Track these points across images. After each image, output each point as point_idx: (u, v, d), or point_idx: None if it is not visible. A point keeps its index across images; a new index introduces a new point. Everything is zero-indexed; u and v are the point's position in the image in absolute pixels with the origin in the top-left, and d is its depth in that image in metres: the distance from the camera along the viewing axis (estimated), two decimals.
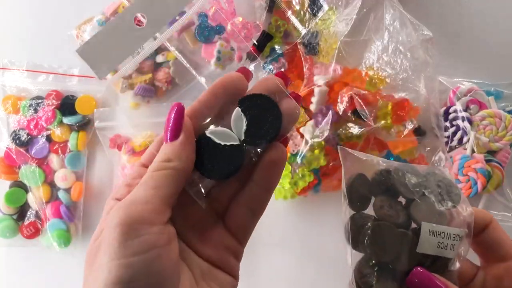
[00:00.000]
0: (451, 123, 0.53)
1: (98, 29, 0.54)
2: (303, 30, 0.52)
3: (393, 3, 0.53)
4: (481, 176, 0.50)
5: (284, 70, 0.54)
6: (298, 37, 0.52)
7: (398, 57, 0.52)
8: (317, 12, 0.51)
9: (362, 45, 0.55)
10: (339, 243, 0.32)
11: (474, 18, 0.57)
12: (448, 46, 0.56)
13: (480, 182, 0.50)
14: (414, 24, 0.52)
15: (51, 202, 0.56)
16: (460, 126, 0.52)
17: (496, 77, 0.54)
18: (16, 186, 0.56)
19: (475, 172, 0.50)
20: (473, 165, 0.50)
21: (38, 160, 0.56)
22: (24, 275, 0.58)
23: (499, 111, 0.52)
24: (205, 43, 0.53)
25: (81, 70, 0.58)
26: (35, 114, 0.56)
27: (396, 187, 0.31)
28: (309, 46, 0.53)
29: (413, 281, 0.30)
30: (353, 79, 0.53)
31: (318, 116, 0.52)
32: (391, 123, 0.51)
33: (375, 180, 0.31)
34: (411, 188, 0.31)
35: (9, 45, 0.61)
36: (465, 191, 0.50)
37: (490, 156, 0.52)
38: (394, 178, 0.31)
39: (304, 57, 0.53)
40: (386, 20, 0.53)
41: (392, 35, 0.52)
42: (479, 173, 0.50)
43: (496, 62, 0.55)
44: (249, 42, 0.53)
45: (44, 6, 0.61)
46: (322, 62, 0.53)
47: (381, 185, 0.31)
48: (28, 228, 0.55)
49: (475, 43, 0.56)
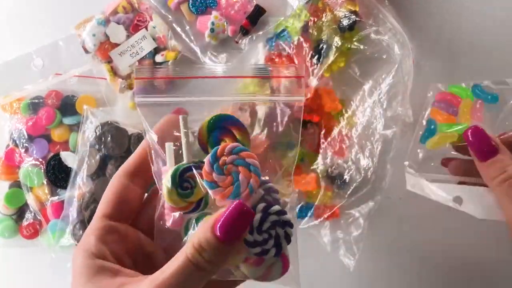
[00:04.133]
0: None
1: (97, 28, 0.54)
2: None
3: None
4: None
5: (280, 56, 0.53)
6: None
7: (376, 113, 0.51)
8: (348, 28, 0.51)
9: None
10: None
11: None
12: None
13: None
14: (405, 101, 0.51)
15: (51, 202, 0.56)
16: None
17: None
18: (15, 187, 0.56)
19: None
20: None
21: (38, 161, 0.56)
22: (24, 276, 0.58)
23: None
24: (198, 15, 0.53)
25: (81, 70, 0.58)
26: (35, 114, 0.56)
27: None
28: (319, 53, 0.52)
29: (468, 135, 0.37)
30: (327, 104, 0.52)
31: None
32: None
33: None
34: None
35: (8, 45, 0.61)
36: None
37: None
38: None
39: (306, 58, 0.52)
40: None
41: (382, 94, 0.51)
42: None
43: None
44: (243, 15, 0.53)
45: (44, 6, 0.60)
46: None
47: None
48: (27, 229, 0.55)
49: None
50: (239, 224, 0.28)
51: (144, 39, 0.54)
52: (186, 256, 0.28)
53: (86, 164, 0.53)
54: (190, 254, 0.28)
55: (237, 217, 0.28)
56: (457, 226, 0.50)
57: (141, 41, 0.54)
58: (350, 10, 0.51)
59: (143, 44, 0.54)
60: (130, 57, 0.51)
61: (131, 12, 0.55)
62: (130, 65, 0.54)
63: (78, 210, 0.53)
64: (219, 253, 0.28)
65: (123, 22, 0.55)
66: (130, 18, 0.55)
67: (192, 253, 0.28)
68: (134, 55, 0.53)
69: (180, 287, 0.27)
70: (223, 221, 0.28)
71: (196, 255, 0.27)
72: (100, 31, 0.54)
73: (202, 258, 0.27)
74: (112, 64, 0.54)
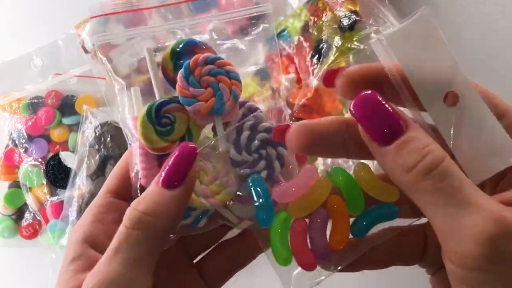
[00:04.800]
0: None
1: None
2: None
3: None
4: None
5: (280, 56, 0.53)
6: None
7: None
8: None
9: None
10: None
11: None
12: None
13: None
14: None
15: (51, 202, 0.55)
16: None
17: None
18: (15, 187, 0.56)
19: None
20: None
21: (37, 161, 0.56)
22: (24, 276, 0.58)
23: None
24: (198, 13, 0.53)
25: (81, 70, 0.58)
26: (34, 114, 0.56)
27: None
28: (319, 53, 0.52)
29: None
30: (327, 104, 0.51)
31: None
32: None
33: None
34: None
35: (8, 45, 0.61)
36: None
37: None
38: None
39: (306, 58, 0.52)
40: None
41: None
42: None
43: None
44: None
45: (44, 6, 0.60)
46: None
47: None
48: (27, 229, 0.55)
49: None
50: (182, 162, 0.24)
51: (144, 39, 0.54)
52: (122, 226, 0.24)
53: (85, 164, 0.53)
54: (125, 219, 0.24)
55: (178, 155, 0.24)
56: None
57: (141, 40, 0.54)
58: (350, 10, 0.51)
59: (143, 44, 0.54)
60: (130, 57, 0.51)
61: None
62: (130, 64, 0.54)
63: (77, 210, 0.52)
64: (159, 198, 0.24)
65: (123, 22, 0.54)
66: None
67: (127, 214, 0.24)
68: (134, 55, 0.53)
69: (115, 266, 0.23)
70: (165, 166, 0.24)
71: (131, 213, 0.24)
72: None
73: (139, 212, 0.24)
74: (111, 64, 0.54)
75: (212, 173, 0.28)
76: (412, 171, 0.22)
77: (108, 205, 0.29)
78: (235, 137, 0.29)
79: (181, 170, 0.24)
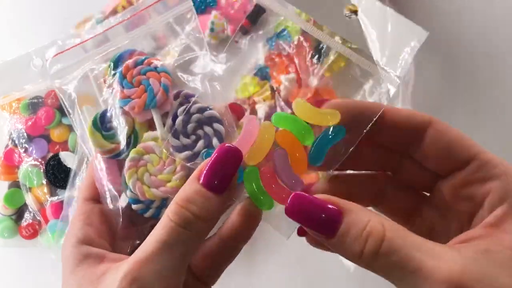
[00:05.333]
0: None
1: (97, 27, 0.54)
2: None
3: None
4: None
5: (280, 56, 0.53)
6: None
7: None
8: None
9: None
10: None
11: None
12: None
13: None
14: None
15: (51, 202, 0.55)
16: None
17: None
18: (15, 187, 0.56)
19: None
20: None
21: (37, 161, 0.56)
22: (23, 276, 0.58)
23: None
24: (198, 15, 0.53)
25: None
26: (34, 114, 0.56)
27: None
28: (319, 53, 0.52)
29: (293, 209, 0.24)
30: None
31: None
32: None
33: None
34: None
35: (8, 45, 0.61)
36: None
37: None
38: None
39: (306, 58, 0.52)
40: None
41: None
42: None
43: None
44: (242, 15, 0.53)
45: (44, 6, 0.60)
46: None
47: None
48: (27, 229, 0.55)
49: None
50: (228, 166, 0.25)
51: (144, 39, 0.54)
52: (167, 218, 0.24)
53: (85, 164, 0.53)
54: (172, 214, 0.24)
55: (224, 159, 0.25)
56: None
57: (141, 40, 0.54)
58: (350, 10, 0.51)
59: (143, 44, 0.54)
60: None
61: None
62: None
63: None
64: (209, 203, 0.24)
65: None
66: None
67: (176, 211, 0.24)
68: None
69: (166, 259, 0.24)
70: (210, 166, 0.24)
71: (181, 213, 0.24)
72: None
73: (190, 214, 0.24)
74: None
75: (159, 163, 0.30)
76: (362, 258, 0.23)
77: (90, 210, 0.31)
78: (172, 124, 0.30)
79: (228, 174, 0.25)
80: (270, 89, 0.50)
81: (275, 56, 0.53)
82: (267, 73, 0.52)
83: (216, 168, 0.25)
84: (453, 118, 0.55)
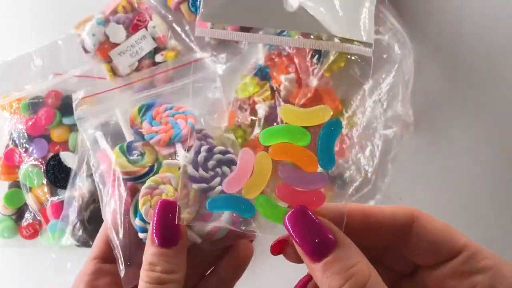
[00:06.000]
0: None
1: (97, 28, 0.54)
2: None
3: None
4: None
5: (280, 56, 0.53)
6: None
7: (376, 113, 0.50)
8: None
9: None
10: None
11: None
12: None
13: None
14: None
15: (51, 202, 0.55)
16: None
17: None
18: (15, 187, 0.56)
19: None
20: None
21: (37, 161, 0.56)
22: (24, 276, 0.58)
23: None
24: (198, 15, 0.53)
25: (81, 70, 0.58)
26: (35, 114, 0.56)
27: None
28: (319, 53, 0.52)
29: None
30: (327, 104, 0.51)
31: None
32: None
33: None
34: None
35: (8, 45, 0.61)
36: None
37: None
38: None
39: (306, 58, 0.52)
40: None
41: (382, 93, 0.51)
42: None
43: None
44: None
45: (44, 6, 0.60)
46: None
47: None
48: (27, 229, 0.55)
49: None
50: (169, 219, 0.26)
51: (144, 39, 0.54)
52: (142, 283, 0.26)
53: (85, 164, 0.53)
54: (145, 278, 0.26)
55: (163, 214, 0.27)
56: (457, 226, 0.50)
57: (141, 41, 0.54)
58: None
59: (143, 44, 0.54)
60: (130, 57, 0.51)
61: (131, 12, 0.55)
62: (130, 65, 0.54)
63: (77, 211, 0.52)
64: (170, 258, 0.26)
65: (122, 22, 0.54)
66: (129, 18, 0.55)
67: (147, 275, 0.26)
68: (134, 55, 0.53)
69: None
70: (156, 226, 0.26)
71: (151, 275, 0.26)
72: (100, 31, 0.54)
73: (158, 273, 0.26)
74: (111, 64, 0.54)
75: (174, 195, 0.31)
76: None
77: (97, 271, 0.30)
78: (193, 158, 0.32)
79: (172, 226, 0.26)
80: (270, 89, 0.50)
81: (275, 56, 0.53)
82: (267, 73, 0.52)
83: (161, 225, 0.26)
84: (453, 117, 0.55)
